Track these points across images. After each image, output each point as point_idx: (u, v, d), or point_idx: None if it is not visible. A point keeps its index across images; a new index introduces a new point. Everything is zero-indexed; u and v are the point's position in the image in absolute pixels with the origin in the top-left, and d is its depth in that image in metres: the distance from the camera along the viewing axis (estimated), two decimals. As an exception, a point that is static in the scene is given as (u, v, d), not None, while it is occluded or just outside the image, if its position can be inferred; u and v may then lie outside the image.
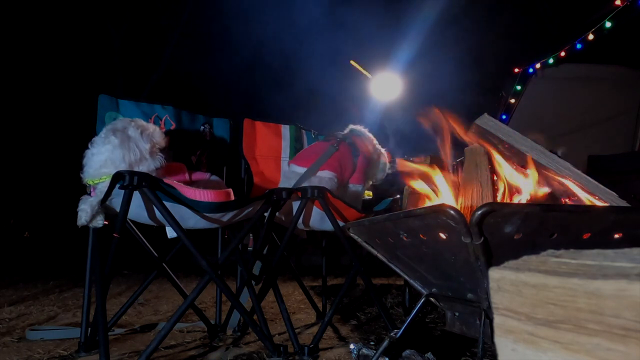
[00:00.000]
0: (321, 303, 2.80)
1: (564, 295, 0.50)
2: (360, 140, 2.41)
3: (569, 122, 5.02)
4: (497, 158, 1.47)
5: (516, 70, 5.29)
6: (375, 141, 2.49)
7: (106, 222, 1.82)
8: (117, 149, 1.79)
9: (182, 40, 10.73)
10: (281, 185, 2.38)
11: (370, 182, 2.49)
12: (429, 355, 1.50)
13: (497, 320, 0.58)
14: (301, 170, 2.25)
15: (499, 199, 1.46)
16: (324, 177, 2.17)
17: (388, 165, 2.51)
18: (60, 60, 9.92)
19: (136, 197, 1.72)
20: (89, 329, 1.95)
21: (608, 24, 4.53)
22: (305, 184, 2.14)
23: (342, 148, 2.30)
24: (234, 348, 2.00)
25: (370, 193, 3.23)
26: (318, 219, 2.20)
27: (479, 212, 1.02)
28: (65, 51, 9.93)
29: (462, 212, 1.06)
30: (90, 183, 1.82)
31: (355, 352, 1.60)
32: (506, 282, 0.58)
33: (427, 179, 1.64)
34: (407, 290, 2.79)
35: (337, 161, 2.24)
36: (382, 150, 2.53)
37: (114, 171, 1.72)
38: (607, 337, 0.46)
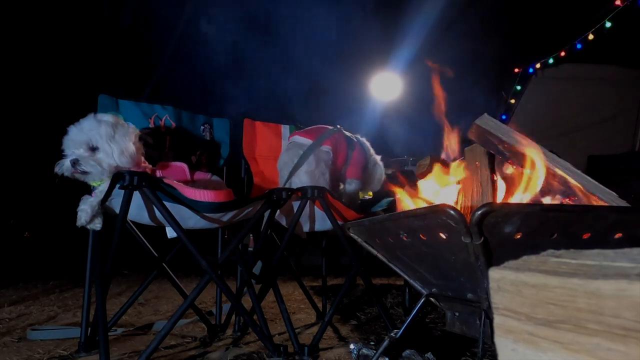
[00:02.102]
0: (321, 303, 2.80)
1: (564, 295, 0.50)
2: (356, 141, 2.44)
3: (569, 122, 5.02)
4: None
5: (516, 70, 5.30)
6: (371, 150, 2.51)
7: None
8: None
9: (183, 40, 10.73)
10: (282, 156, 2.37)
11: (367, 192, 2.51)
12: (429, 355, 1.50)
13: (497, 320, 0.58)
14: (305, 141, 2.31)
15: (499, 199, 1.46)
16: (324, 150, 2.30)
17: (384, 175, 2.55)
18: (60, 60, 9.92)
19: (136, 197, 1.72)
20: (89, 329, 1.96)
21: (608, 24, 4.53)
22: (311, 157, 2.24)
23: (339, 134, 2.40)
24: (234, 348, 2.00)
25: (371, 193, 3.23)
26: (319, 219, 2.21)
27: (479, 212, 1.02)
28: (65, 51, 9.93)
29: (462, 212, 1.06)
30: (93, 184, 1.82)
31: (355, 352, 1.60)
32: (506, 282, 0.58)
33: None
34: (407, 290, 2.79)
35: (335, 141, 2.35)
36: (378, 159, 2.53)
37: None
38: (607, 337, 0.46)
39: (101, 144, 1.77)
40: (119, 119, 1.90)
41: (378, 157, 2.54)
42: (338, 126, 2.43)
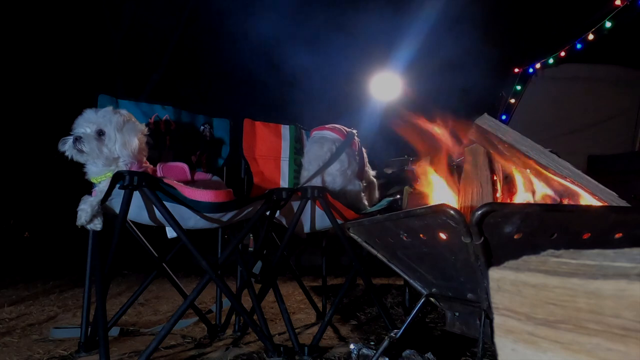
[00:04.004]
0: (321, 303, 2.80)
1: (564, 295, 0.50)
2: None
3: (569, 122, 5.02)
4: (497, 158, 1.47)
5: (516, 70, 5.30)
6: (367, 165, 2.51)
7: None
8: None
9: (183, 40, 10.73)
10: (314, 149, 2.34)
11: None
12: (429, 355, 1.51)
13: (497, 320, 0.58)
14: (335, 137, 2.31)
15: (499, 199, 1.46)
16: (351, 153, 2.31)
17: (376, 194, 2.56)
18: (60, 60, 9.92)
19: (136, 197, 1.72)
20: (89, 328, 1.96)
21: (608, 24, 4.53)
22: (344, 156, 2.24)
23: (357, 139, 2.41)
24: (234, 348, 2.00)
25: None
26: (319, 217, 2.21)
27: (479, 212, 1.02)
28: (65, 51, 9.93)
29: (462, 212, 1.06)
30: (94, 181, 1.82)
31: (355, 352, 1.60)
32: (506, 282, 0.58)
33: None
34: (407, 290, 2.79)
35: (356, 145, 2.38)
36: (372, 175, 2.53)
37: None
38: (607, 337, 0.46)
39: (109, 130, 1.80)
40: (132, 116, 1.93)
41: (373, 173, 2.54)
42: (354, 130, 2.42)
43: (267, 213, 2.02)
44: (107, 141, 1.79)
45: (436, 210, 1.12)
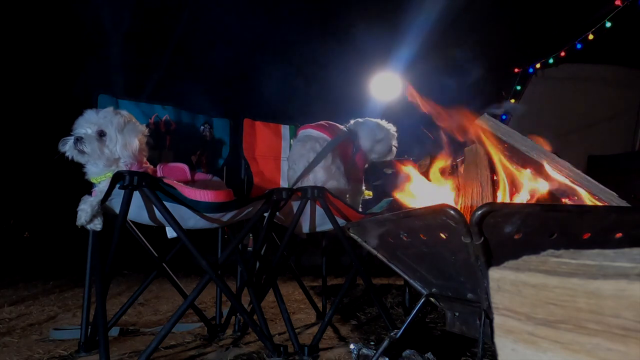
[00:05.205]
0: (321, 303, 2.80)
1: (564, 295, 0.50)
2: (361, 134, 2.43)
3: (569, 122, 5.02)
4: (498, 157, 1.47)
5: (516, 70, 5.30)
6: (382, 123, 2.49)
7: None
8: None
9: (183, 39, 10.73)
10: (296, 149, 2.31)
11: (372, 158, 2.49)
12: (429, 355, 1.50)
13: (497, 320, 0.58)
14: (320, 135, 2.28)
15: (499, 199, 1.45)
16: (340, 151, 2.28)
17: (394, 144, 2.51)
18: (60, 60, 9.92)
19: (136, 197, 1.72)
20: (89, 328, 1.96)
21: (608, 24, 4.54)
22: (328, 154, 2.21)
23: (348, 139, 2.38)
24: (234, 348, 2.00)
25: (371, 193, 3.23)
26: (320, 219, 2.21)
27: (479, 212, 1.02)
28: (65, 51, 9.93)
29: (462, 212, 1.06)
30: (94, 181, 1.83)
31: (355, 352, 1.60)
32: (506, 282, 0.58)
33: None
34: (407, 290, 2.79)
35: (344, 147, 2.35)
36: (391, 129, 2.51)
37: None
38: (607, 337, 0.46)
39: (110, 131, 1.81)
40: (133, 117, 1.94)
41: (392, 128, 2.51)
42: (345, 129, 2.40)
43: (267, 213, 2.02)
44: (108, 142, 1.80)
45: (436, 210, 1.11)
